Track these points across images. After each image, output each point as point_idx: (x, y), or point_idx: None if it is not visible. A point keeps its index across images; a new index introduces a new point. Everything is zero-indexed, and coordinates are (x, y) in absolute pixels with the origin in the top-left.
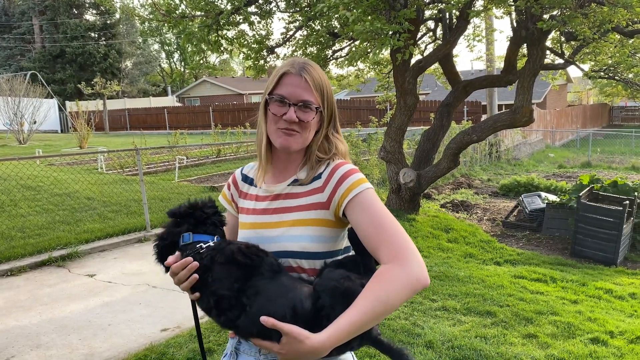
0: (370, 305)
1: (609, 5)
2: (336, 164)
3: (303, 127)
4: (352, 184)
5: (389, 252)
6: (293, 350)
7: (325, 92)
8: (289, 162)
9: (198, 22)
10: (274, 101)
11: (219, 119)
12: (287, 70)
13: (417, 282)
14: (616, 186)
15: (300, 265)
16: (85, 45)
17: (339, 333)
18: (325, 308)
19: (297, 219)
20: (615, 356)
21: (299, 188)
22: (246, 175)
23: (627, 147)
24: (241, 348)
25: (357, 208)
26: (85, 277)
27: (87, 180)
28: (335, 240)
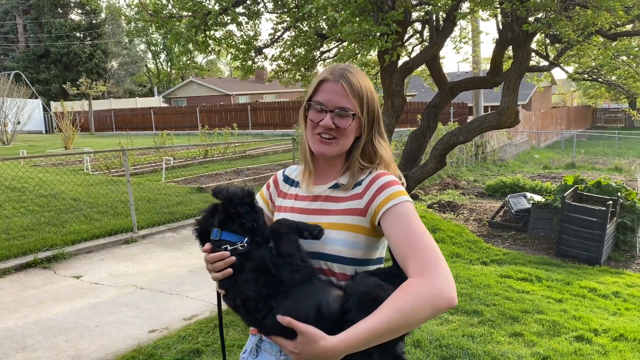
0: (390, 315)
1: (593, 9)
2: (378, 173)
3: (341, 134)
4: (391, 195)
5: (417, 266)
6: (306, 349)
7: (365, 98)
8: (329, 166)
9: (185, 23)
10: (312, 108)
11: (205, 119)
12: (326, 77)
13: (443, 300)
14: (600, 187)
15: (331, 269)
16: (71, 45)
17: (354, 338)
18: (352, 312)
19: (333, 223)
20: (599, 354)
21: (340, 193)
22: (288, 177)
23: (610, 148)
24: (262, 346)
25: (392, 219)
26: (71, 279)
27: (73, 181)
28: (368, 249)
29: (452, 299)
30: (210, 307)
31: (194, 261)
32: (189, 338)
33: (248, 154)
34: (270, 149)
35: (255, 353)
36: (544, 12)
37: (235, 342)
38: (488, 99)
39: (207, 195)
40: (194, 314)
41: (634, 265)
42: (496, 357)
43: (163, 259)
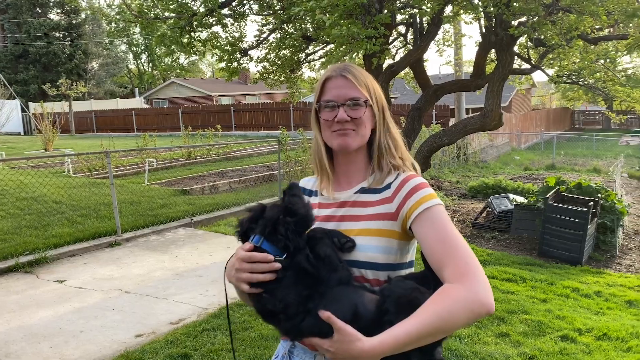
0: (429, 319)
1: (577, 14)
2: (407, 176)
3: (357, 124)
4: (422, 198)
5: (455, 271)
6: (342, 349)
7: (370, 87)
8: (351, 166)
9: (171, 24)
10: (323, 108)
11: (188, 120)
12: (329, 76)
13: (481, 306)
14: (580, 188)
15: (364, 275)
16: (50, 45)
17: (392, 341)
18: (389, 314)
19: (364, 229)
20: (583, 353)
21: (368, 197)
22: (304, 188)
23: (588, 149)
24: (295, 352)
25: (425, 223)
26: (54, 283)
27: (54, 183)
28: (400, 253)
29: (491, 306)
30: (198, 311)
31: (180, 264)
32: (176, 342)
33: (232, 155)
34: (255, 151)
35: (288, 358)
36: (528, 17)
37: (223, 347)
38: (469, 102)
39: (192, 197)
40: (181, 318)
41: (613, 265)
42: (484, 357)
43: (148, 263)
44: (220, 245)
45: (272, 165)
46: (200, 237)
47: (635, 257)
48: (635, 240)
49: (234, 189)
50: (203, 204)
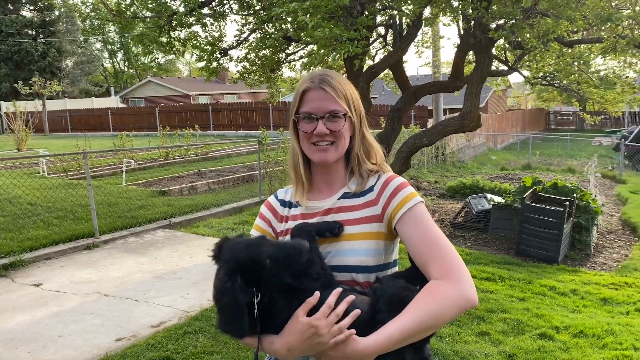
0: (420, 316)
1: (554, 18)
2: (388, 177)
3: (336, 137)
4: (405, 197)
5: (441, 269)
6: (338, 350)
7: (349, 97)
8: (329, 175)
9: (150, 23)
10: (301, 119)
11: (165, 120)
12: (307, 87)
13: (467, 301)
14: (556, 188)
15: (356, 279)
16: (22, 42)
17: (386, 340)
18: (382, 312)
19: (353, 233)
20: (561, 350)
21: (351, 201)
22: (283, 200)
23: (563, 150)
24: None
25: (409, 222)
26: (30, 287)
27: (28, 184)
28: (387, 253)
29: (475, 300)
30: (179, 314)
31: (159, 267)
32: (158, 346)
33: (211, 155)
34: (234, 151)
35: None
36: (507, 20)
37: (206, 349)
38: (447, 102)
39: (170, 198)
40: (162, 321)
41: (588, 264)
42: (465, 356)
43: (127, 265)
44: (201, 247)
45: (251, 165)
46: (180, 238)
47: (609, 255)
48: (608, 239)
49: (213, 190)
50: (182, 205)
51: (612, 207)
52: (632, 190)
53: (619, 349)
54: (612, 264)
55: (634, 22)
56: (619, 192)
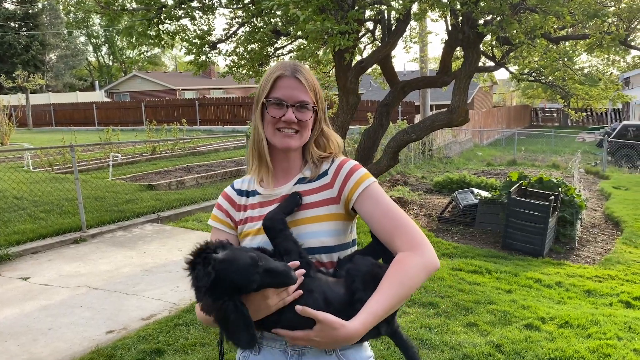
0: (395, 289)
1: (542, 13)
2: (341, 161)
3: (302, 127)
4: (359, 179)
5: (406, 241)
6: (328, 336)
7: (317, 90)
8: (288, 162)
9: (139, 16)
10: (271, 104)
11: (151, 115)
12: (281, 74)
13: (432, 265)
14: (542, 182)
15: (320, 260)
16: (4, 35)
17: (371, 318)
18: (359, 292)
19: (312, 216)
20: (547, 340)
21: (307, 186)
22: (240, 190)
23: (547, 146)
24: (264, 341)
25: (367, 201)
26: (18, 281)
27: (13, 178)
28: (347, 232)
29: (438, 263)
30: (169, 307)
31: (148, 260)
32: (149, 338)
33: (198, 150)
34: (221, 146)
35: (258, 349)
36: (495, 15)
37: (197, 341)
38: (434, 98)
39: (158, 192)
40: (152, 314)
41: (573, 257)
42: (453, 346)
43: (115, 259)
44: (190, 241)
45: (239, 160)
46: (169, 232)
47: (593, 248)
48: (592, 233)
49: (201, 185)
50: (170, 199)
51: (595, 202)
52: (615, 186)
53: (603, 339)
54: (596, 257)
55: (619, 19)
56: (602, 188)
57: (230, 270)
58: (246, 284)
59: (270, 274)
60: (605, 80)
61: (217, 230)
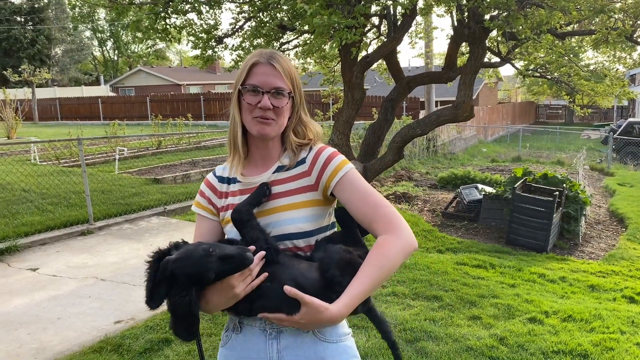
0: (376, 272)
1: (548, 9)
2: (319, 148)
3: (277, 114)
4: (337, 166)
5: (384, 225)
6: (312, 319)
7: (294, 78)
8: (266, 150)
9: (146, 10)
10: (247, 91)
11: (156, 109)
12: (257, 61)
13: (410, 246)
14: (546, 178)
15: (297, 245)
16: (11, 29)
17: (353, 300)
18: (336, 277)
19: (289, 203)
20: (550, 333)
21: (285, 174)
22: (221, 177)
23: (552, 142)
24: (245, 321)
25: (346, 188)
26: (27, 271)
27: (20, 171)
28: (324, 217)
29: (416, 243)
30: None
31: None
32: (156, 328)
33: (203, 145)
34: (226, 140)
35: (239, 329)
36: (501, 10)
37: (204, 331)
38: (439, 94)
39: (164, 186)
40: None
41: (577, 253)
42: (457, 339)
43: (122, 251)
44: None
45: None
46: (175, 225)
47: (597, 245)
48: (596, 229)
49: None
50: (176, 193)
51: (600, 199)
52: (620, 183)
53: (606, 333)
54: (600, 253)
55: (626, 15)
56: (607, 184)
57: (184, 266)
58: (202, 274)
59: (225, 260)
60: (611, 77)
61: (200, 217)
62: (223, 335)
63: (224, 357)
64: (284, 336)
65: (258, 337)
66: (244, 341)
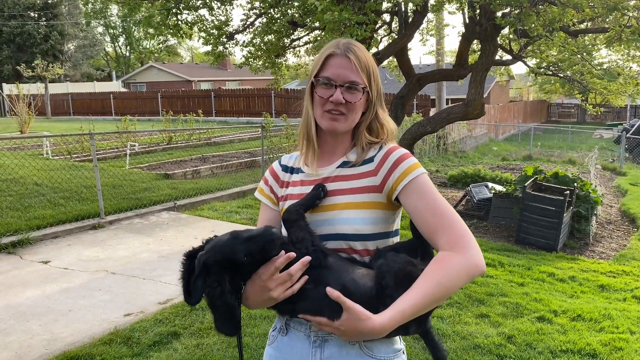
0: (431, 288)
1: (561, 6)
2: (390, 148)
3: (350, 109)
4: (407, 169)
5: (449, 239)
6: (353, 327)
7: (371, 71)
8: (336, 144)
9: (158, 6)
10: (320, 84)
11: (167, 105)
12: (333, 52)
13: (476, 268)
14: (557, 177)
15: (353, 247)
16: (24, 25)
17: (400, 315)
18: (389, 288)
19: (349, 202)
20: (559, 332)
21: (349, 170)
22: (286, 166)
23: (564, 141)
24: (291, 324)
25: (413, 194)
26: (39, 264)
27: (32, 165)
28: (387, 222)
29: (483, 266)
30: None
31: (165, 247)
32: (165, 321)
33: (213, 141)
34: (236, 137)
35: (285, 331)
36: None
37: (212, 325)
38: (450, 92)
39: (174, 181)
40: (169, 298)
41: (587, 252)
42: (465, 336)
43: (133, 245)
44: (205, 229)
45: (253, 151)
46: (185, 220)
47: (607, 244)
48: (607, 229)
49: (216, 174)
50: (186, 189)
51: (611, 199)
52: (632, 182)
53: (615, 333)
54: (611, 253)
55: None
56: (619, 184)
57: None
58: (232, 256)
59: (250, 240)
60: (625, 75)
61: (263, 205)
62: (270, 333)
63: (269, 357)
64: (328, 345)
65: (303, 343)
66: (289, 344)
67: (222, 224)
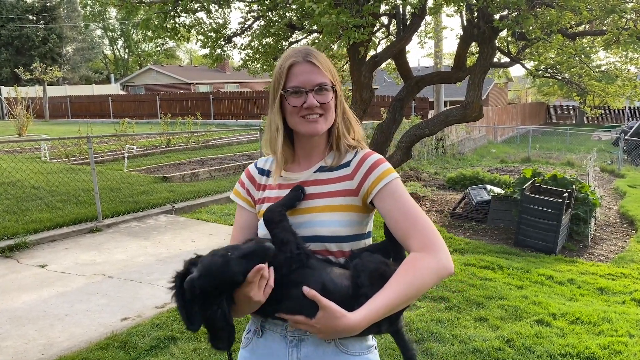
0: (403, 289)
1: (558, 8)
2: (365, 153)
3: (325, 109)
4: (381, 174)
5: (420, 242)
6: (328, 325)
7: (332, 71)
8: (312, 148)
9: (156, 8)
10: (290, 94)
11: (166, 108)
12: (294, 61)
13: (445, 270)
14: (556, 179)
15: (328, 249)
16: (23, 27)
17: (374, 313)
18: (364, 287)
19: (326, 205)
20: (558, 336)
21: (326, 174)
22: (262, 169)
23: (562, 144)
24: (267, 325)
25: (386, 198)
26: (36, 268)
27: (30, 169)
28: (361, 225)
29: (452, 268)
30: None
31: (162, 250)
32: (162, 325)
33: (211, 143)
34: (234, 140)
35: (261, 332)
36: (511, 10)
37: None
38: (448, 94)
39: (172, 184)
40: (166, 302)
41: (586, 255)
42: (463, 340)
43: (130, 248)
44: (203, 232)
45: (252, 154)
46: (182, 223)
47: (606, 247)
48: (606, 231)
49: (215, 177)
50: (184, 192)
51: (610, 201)
52: (631, 184)
53: (614, 336)
54: (609, 255)
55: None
56: (618, 186)
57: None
58: (230, 279)
59: (247, 257)
60: (623, 78)
61: (239, 207)
62: (244, 336)
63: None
64: (304, 345)
65: (279, 344)
66: (264, 346)
67: (220, 227)
